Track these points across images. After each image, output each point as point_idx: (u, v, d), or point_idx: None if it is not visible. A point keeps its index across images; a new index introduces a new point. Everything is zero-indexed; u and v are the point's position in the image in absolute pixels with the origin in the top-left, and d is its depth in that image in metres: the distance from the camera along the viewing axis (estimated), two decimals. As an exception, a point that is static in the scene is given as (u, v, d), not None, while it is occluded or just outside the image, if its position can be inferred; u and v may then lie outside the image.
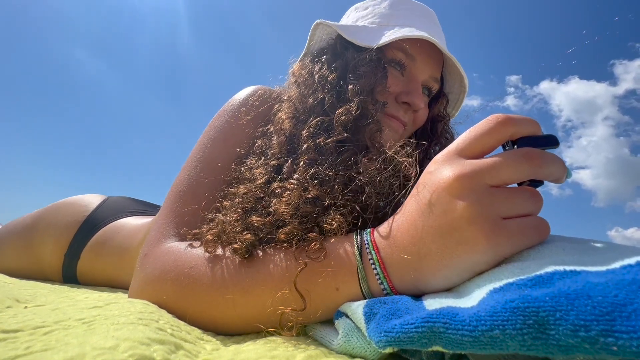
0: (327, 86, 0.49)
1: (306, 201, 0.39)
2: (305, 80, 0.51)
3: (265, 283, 0.35)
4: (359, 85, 0.48)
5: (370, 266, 0.33)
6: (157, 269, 0.40)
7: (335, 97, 0.48)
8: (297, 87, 0.52)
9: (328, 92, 0.48)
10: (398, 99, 0.53)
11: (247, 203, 0.42)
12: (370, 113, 0.47)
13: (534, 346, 0.19)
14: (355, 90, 0.47)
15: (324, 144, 0.44)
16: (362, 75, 0.49)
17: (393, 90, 0.52)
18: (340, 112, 0.46)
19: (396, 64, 0.53)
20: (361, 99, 0.47)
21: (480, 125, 0.31)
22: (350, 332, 0.29)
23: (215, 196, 0.47)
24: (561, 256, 0.25)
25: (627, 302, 0.17)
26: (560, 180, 0.30)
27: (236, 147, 0.51)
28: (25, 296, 0.40)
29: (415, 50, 0.53)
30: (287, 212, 0.39)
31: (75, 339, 0.24)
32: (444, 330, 0.22)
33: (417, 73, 0.54)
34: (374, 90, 0.49)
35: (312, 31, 0.56)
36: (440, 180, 0.30)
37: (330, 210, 0.39)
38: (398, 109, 0.53)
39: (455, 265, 0.29)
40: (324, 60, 0.53)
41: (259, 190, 0.43)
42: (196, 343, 0.30)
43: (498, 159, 0.29)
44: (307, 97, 0.49)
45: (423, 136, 0.60)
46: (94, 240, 0.77)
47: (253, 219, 0.39)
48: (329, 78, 0.50)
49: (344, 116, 0.45)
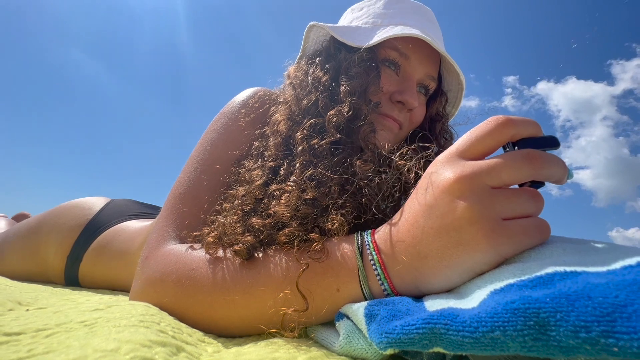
0: (320, 88, 0.49)
1: (305, 202, 0.39)
2: (300, 82, 0.52)
3: (267, 284, 0.35)
4: (350, 86, 0.48)
5: (371, 267, 0.33)
6: (158, 271, 0.40)
7: (328, 99, 0.48)
8: (292, 89, 0.52)
9: (321, 94, 0.48)
10: (392, 98, 0.52)
11: (247, 205, 0.42)
12: (364, 114, 0.47)
13: (535, 347, 0.19)
14: (347, 91, 0.47)
15: (317, 145, 0.44)
16: (354, 76, 0.49)
17: (387, 89, 0.52)
18: (332, 114, 0.46)
19: (390, 63, 0.53)
20: (353, 99, 0.47)
21: (480, 126, 0.31)
22: (352, 334, 0.29)
23: (215, 198, 0.47)
24: (562, 257, 0.25)
25: (628, 303, 0.17)
26: (562, 181, 0.30)
27: (236, 149, 0.51)
28: (27, 299, 0.40)
29: (408, 49, 0.52)
30: (287, 214, 0.39)
31: (77, 341, 0.24)
32: (445, 332, 0.22)
33: (411, 71, 0.53)
34: (367, 91, 0.49)
35: (306, 34, 0.56)
36: (441, 182, 0.30)
37: (329, 211, 0.39)
38: (392, 108, 0.52)
39: (455, 265, 0.29)
40: (317, 62, 0.53)
41: (258, 192, 0.43)
42: (198, 345, 0.30)
43: (498, 160, 0.29)
44: (301, 99, 0.49)
45: (421, 136, 0.60)
46: (96, 244, 0.78)
47: (253, 221, 0.40)
48: (322, 80, 0.50)
49: (335, 117, 0.46)
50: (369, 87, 0.49)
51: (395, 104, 0.52)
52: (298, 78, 0.52)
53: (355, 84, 0.48)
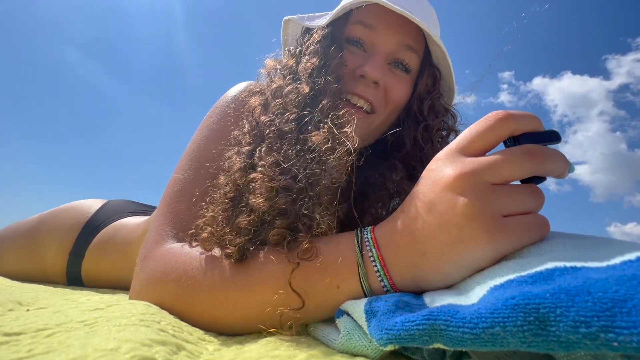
0: (285, 71, 0.50)
1: (277, 192, 0.38)
2: (273, 71, 0.52)
3: (264, 283, 0.35)
4: (309, 64, 0.47)
5: (371, 263, 0.33)
6: (158, 271, 0.40)
7: (291, 80, 0.48)
8: (268, 78, 0.52)
9: (285, 77, 0.49)
10: (355, 73, 0.50)
11: (230, 192, 0.42)
12: (324, 90, 0.46)
13: (535, 343, 0.19)
14: (304, 69, 0.47)
15: (280, 125, 0.43)
16: (312, 53, 0.48)
17: (351, 65, 0.50)
18: (290, 92, 0.45)
19: (353, 39, 0.51)
20: (312, 77, 0.46)
21: (480, 122, 0.31)
22: (352, 331, 0.29)
23: (209, 193, 0.46)
24: (561, 252, 0.25)
25: (628, 298, 0.17)
26: (563, 175, 0.30)
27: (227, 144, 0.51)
28: (27, 299, 0.40)
29: (373, 19, 0.50)
30: (264, 206, 0.38)
31: (77, 341, 0.24)
32: (445, 328, 0.22)
33: (379, 42, 0.50)
34: (328, 68, 0.48)
35: (284, 30, 0.57)
36: (442, 178, 0.30)
37: (305, 195, 0.38)
38: (356, 84, 0.50)
39: (455, 262, 0.29)
40: (287, 51, 0.54)
41: (237, 176, 0.42)
42: (198, 344, 0.30)
43: (499, 156, 0.29)
44: (271, 84, 0.49)
45: (409, 117, 0.56)
46: (97, 240, 0.78)
47: (239, 221, 0.39)
48: (288, 64, 0.50)
49: (293, 94, 0.45)
50: (330, 64, 0.48)
51: (359, 79, 0.50)
52: (271, 67, 0.53)
53: (313, 61, 0.47)
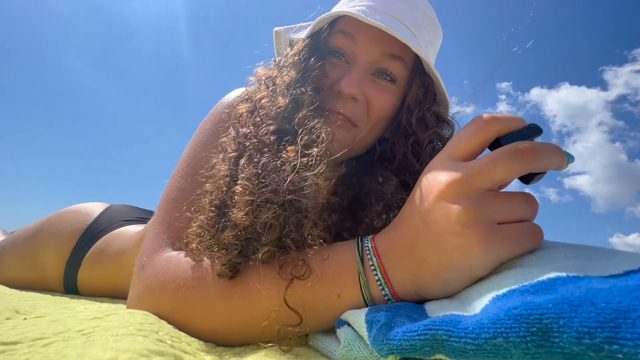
0: (269, 82, 0.49)
1: (258, 207, 0.37)
2: (260, 81, 0.51)
3: (261, 300, 0.35)
4: (286, 77, 0.47)
5: (372, 272, 0.33)
6: (156, 280, 0.39)
7: (272, 92, 0.47)
8: (257, 86, 0.52)
9: (268, 88, 0.48)
10: (334, 87, 0.48)
11: (216, 199, 0.41)
12: (301, 102, 0.45)
13: (538, 354, 0.18)
14: (283, 81, 0.47)
15: (260, 137, 0.43)
16: (291, 65, 0.48)
17: (332, 77, 0.49)
18: (269, 103, 0.45)
19: (333, 51, 0.50)
20: (289, 89, 0.45)
21: (466, 127, 0.31)
22: (352, 341, 0.29)
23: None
24: (563, 262, 0.25)
25: (632, 309, 0.17)
26: (562, 167, 0.29)
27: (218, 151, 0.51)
28: (25, 307, 0.40)
29: (354, 29, 0.48)
30: (246, 221, 0.37)
31: (74, 350, 0.23)
32: (447, 338, 0.22)
33: (360, 52, 0.48)
34: (306, 80, 0.47)
35: (275, 40, 0.57)
36: (435, 187, 0.30)
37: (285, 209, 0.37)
38: (336, 100, 0.48)
39: (452, 270, 0.29)
40: (273, 61, 0.53)
41: (221, 184, 0.41)
42: (196, 355, 0.30)
43: (488, 160, 0.28)
44: (256, 94, 0.49)
45: (398, 130, 0.52)
46: (94, 248, 0.78)
47: (225, 236, 0.37)
48: (271, 75, 0.50)
49: (272, 106, 0.45)
50: (309, 75, 0.47)
51: (338, 95, 0.48)
52: (260, 76, 0.52)
53: (291, 74, 0.47)
